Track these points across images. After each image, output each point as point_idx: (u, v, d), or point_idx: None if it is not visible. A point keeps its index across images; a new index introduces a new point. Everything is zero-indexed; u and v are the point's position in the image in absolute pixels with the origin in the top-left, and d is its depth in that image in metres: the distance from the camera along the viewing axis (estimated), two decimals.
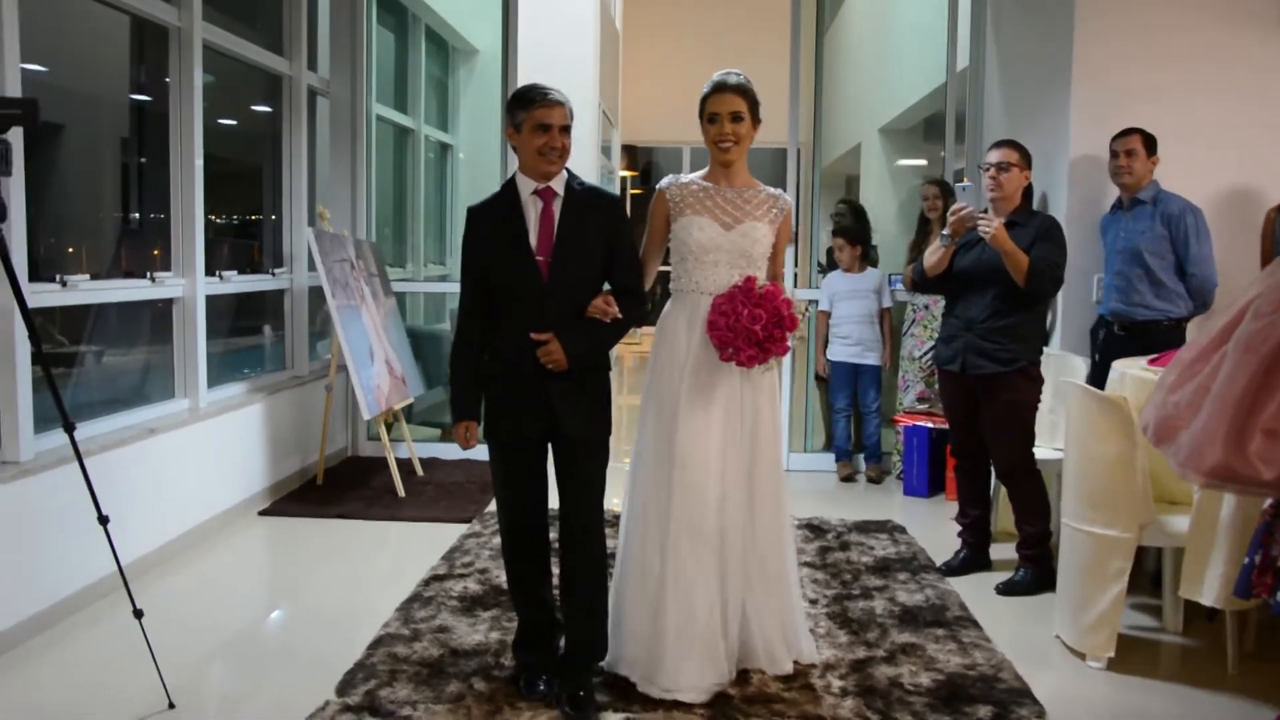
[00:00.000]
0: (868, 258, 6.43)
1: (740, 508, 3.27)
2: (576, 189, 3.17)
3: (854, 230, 6.42)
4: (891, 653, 3.57)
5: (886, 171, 9.50)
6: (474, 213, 3.19)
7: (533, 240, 3.09)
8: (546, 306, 3.07)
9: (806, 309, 6.28)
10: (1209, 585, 3.34)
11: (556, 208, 3.12)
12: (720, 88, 3.27)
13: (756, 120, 3.31)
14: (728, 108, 3.25)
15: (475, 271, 3.16)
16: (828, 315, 6.37)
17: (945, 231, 4.25)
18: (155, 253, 4.99)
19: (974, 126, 6.39)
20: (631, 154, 15.58)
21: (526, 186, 3.12)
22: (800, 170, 6.44)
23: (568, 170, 3.18)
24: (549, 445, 3.21)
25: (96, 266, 4.73)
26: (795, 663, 3.40)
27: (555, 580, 3.32)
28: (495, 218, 3.14)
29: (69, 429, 3.11)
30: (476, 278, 3.16)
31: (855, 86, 10.71)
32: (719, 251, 3.26)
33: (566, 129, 3.09)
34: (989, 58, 6.32)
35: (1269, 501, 2.80)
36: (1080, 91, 5.08)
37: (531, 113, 3.05)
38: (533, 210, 3.12)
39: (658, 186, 3.40)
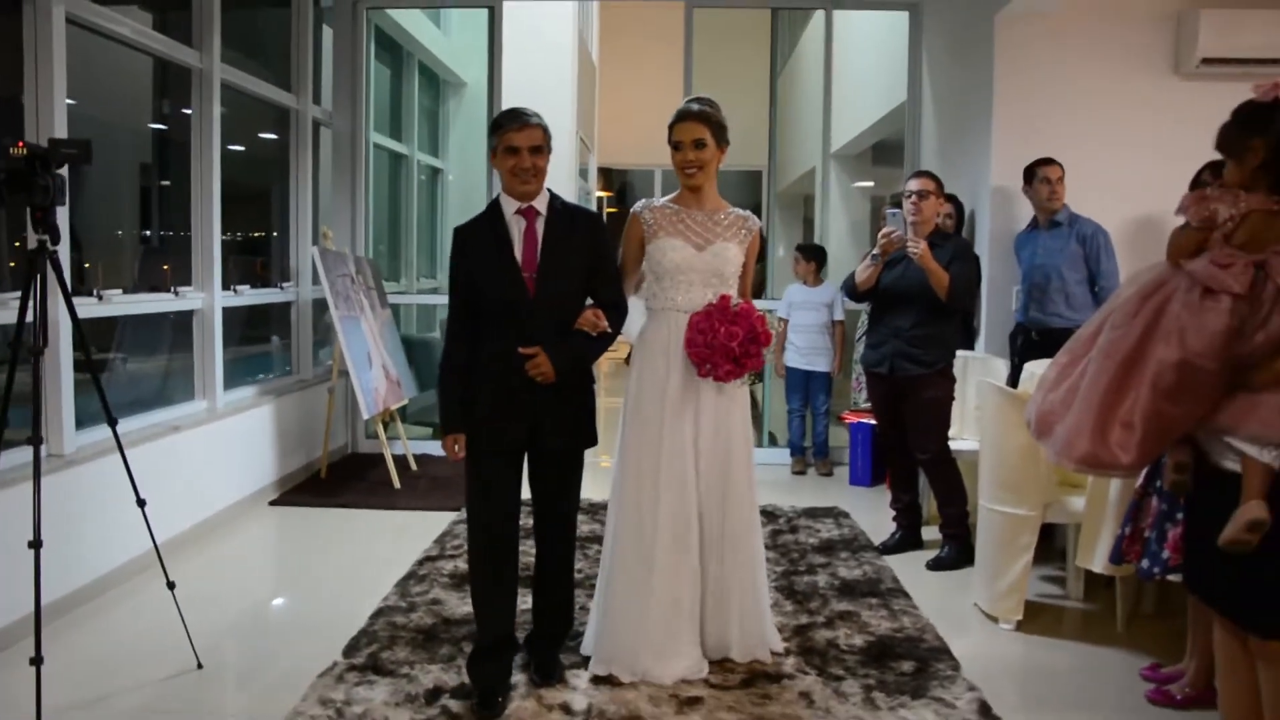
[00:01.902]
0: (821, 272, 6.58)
1: (716, 513, 3.25)
2: (558, 208, 3.08)
3: (810, 247, 6.62)
4: (830, 619, 3.75)
5: (837, 193, 9.72)
6: (460, 231, 3.09)
7: (518, 257, 3.00)
8: (533, 320, 2.99)
9: (779, 324, 6.49)
10: (1099, 555, 3.57)
11: (539, 226, 3.03)
12: (683, 116, 3.19)
13: (722, 144, 3.21)
14: (690, 135, 3.17)
15: (463, 290, 3.05)
16: (786, 322, 6.49)
17: (874, 251, 4.43)
18: (165, 268, 5.08)
19: (911, 155, 6.58)
20: (607, 176, 15.66)
21: (510, 206, 3.03)
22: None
23: (550, 191, 3.09)
24: (526, 455, 3.13)
25: (115, 282, 4.78)
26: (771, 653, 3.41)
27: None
28: (481, 236, 3.04)
29: (112, 424, 3.22)
30: (465, 297, 3.04)
31: (809, 116, 10.90)
32: (692, 272, 3.19)
33: (538, 149, 2.98)
34: (924, 95, 6.52)
35: (1139, 482, 3.08)
36: (1000, 127, 5.28)
37: (502, 136, 2.98)
38: (516, 229, 3.02)
39: (632, 210, 3.31)
